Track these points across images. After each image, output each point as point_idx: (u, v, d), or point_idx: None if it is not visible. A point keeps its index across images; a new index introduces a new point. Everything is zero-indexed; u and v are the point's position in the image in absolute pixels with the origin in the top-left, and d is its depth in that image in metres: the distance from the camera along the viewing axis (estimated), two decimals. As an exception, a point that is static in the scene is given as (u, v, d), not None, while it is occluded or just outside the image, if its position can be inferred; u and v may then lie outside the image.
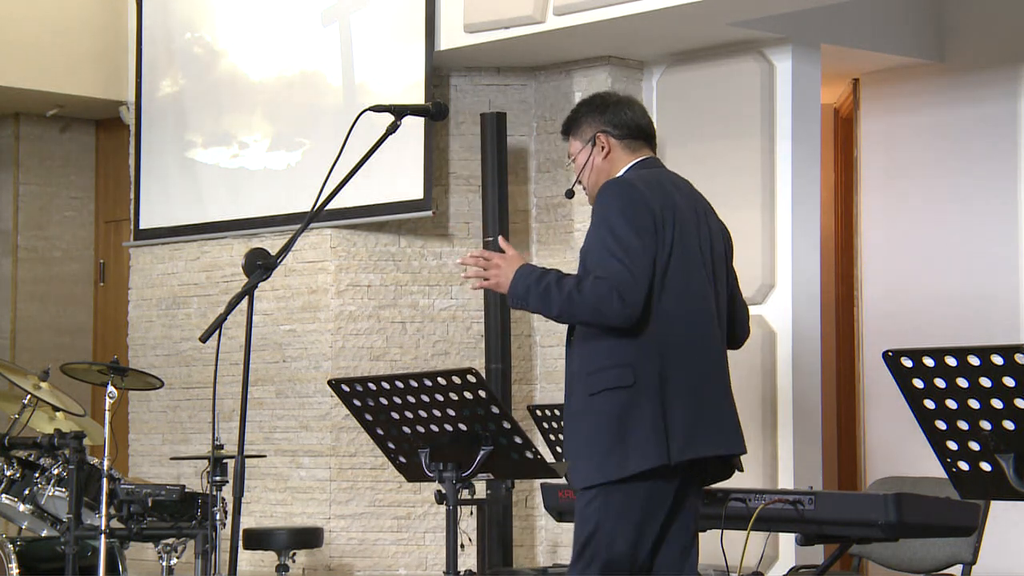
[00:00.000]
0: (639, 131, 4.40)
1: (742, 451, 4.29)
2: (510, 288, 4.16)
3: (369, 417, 3.91)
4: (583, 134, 4.40)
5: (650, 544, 4.15)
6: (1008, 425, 2.95)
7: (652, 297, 4.12)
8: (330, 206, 4.28)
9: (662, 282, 4.14)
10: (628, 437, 4.06)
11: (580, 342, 4.22)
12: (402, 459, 3.95)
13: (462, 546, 5.99)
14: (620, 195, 4.18)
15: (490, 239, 7.67)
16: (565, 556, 7.83)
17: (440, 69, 8.05)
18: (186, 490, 6.11)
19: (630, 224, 4.11)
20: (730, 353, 4.41)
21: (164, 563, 6.26)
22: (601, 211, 4.17)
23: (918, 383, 3.01)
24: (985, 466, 3.04)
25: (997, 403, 2.93)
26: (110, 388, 5.88)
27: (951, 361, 2.95)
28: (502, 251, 4.24)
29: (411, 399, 3.80)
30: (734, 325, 4.46)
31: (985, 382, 2.92)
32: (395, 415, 3.85)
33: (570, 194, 4.46)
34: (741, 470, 4.37)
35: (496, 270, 4.19)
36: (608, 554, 4.08)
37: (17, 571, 5.95)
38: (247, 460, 5.18)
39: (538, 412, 6.05)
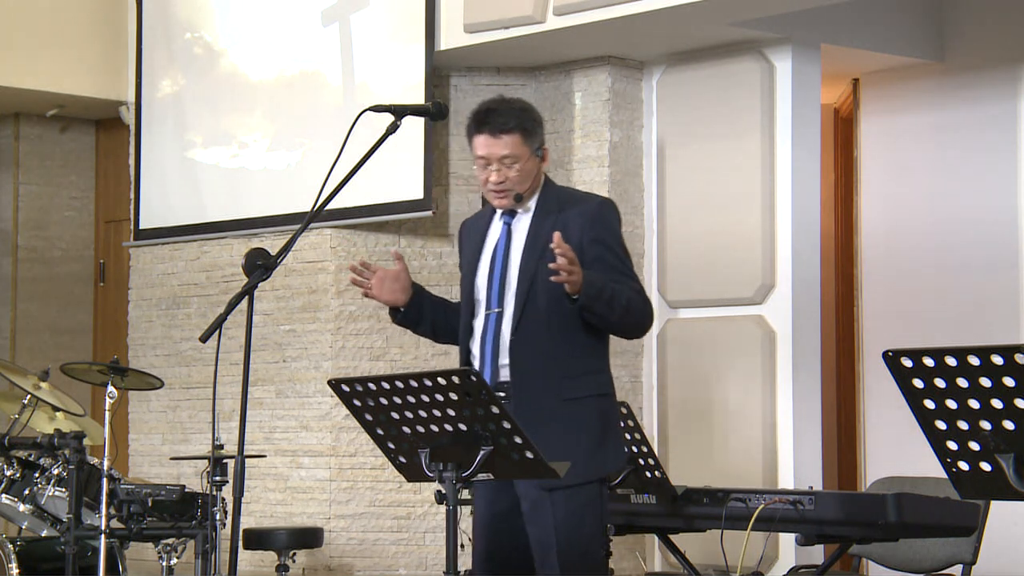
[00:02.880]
0: None
1: None
2: (584, 287, 4.22)
3: (369, 417, 3.91)
4: (533, 142, 4.46)
5: None
6: (1008, 425, 2.95)
7: None
8: (330, 206, 4.29)
9: None
10: (607, 440, 4.40)
11: (549, 341, 4.34)
12: (402, 459, 3.95)
13: (462, 546, 5.99)
14: (619, 219, 4.52)
15: None
16: (565, 556, 7.81)
17: (440, 69, 8.05)
18: (186, 490, 6.10)
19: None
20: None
21: (164, 563, 6.25)
22: (612, 230, 4.45)
23: (918, 383, 3.01)
24: (985, 466, 3.04)
25: (997, 403, 2.93)
26: (110, 388, 5.88)
27: (951, 361, 2.95)
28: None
29: (411, 399, 3.79)
30: None
31: (985, 382, 2.92)
32: (395, 415, 3.85)
33: (518, 198, 4.46)
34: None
35: (577, 268, 4.21)
36: (591, 545, 4.35)
37: (17, 571, 5.95)
38: (247, 460, 5.17)
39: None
